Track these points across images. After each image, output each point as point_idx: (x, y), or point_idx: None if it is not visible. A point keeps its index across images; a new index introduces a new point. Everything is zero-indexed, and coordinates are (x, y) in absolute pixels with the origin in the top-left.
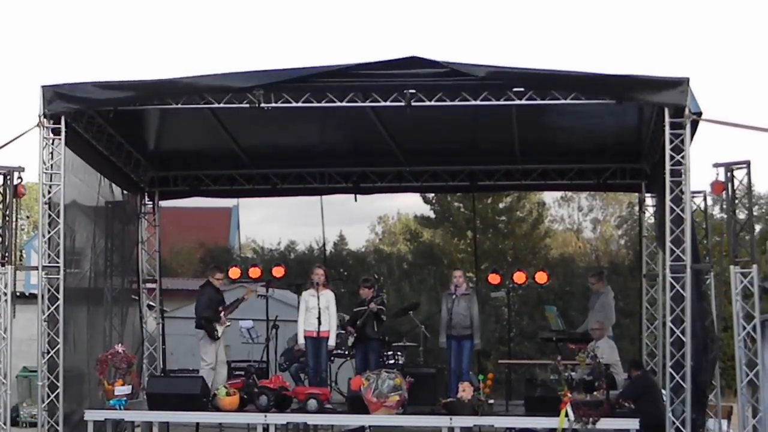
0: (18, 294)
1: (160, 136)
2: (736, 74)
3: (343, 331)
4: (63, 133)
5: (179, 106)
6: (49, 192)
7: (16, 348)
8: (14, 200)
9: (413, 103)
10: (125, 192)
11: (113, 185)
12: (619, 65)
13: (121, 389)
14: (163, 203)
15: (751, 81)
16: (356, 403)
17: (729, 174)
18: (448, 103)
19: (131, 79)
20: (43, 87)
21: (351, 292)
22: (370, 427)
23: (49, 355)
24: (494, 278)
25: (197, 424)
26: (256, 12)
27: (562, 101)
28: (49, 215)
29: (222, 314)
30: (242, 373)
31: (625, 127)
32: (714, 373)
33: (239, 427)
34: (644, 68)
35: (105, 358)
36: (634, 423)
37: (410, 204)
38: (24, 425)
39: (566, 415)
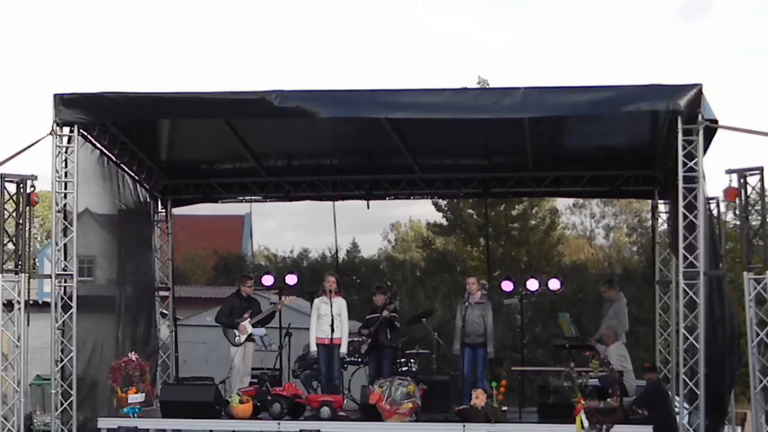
0: (31, 302)
1: (172, 144)
2: (749, 80)
3: (358, 339)
4: (76, 142)
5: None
6: (63, 200)
7: (29, 356)
8: (27, 208)
9: None
10: (138, 200)
11: (126, 193)
12: (632, 73)
13: (135, 397)
14: (176, 211)
15: (765, 87)
16: (369, 411)
17: (742, 180)
18: None
19: (145, 91)
20: (56, 95)
21: (364, 300)
22: None
23: (63, 363)
24: (507, 285)
25: (210, 431)
26: (271, 26)
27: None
28: (62, 223)
29: (245, 321)
30: (255, 380)
31: (637, 134)
32: (733, 379)
33: None
34: (657, 76)
35: (118, 366)
36: (647, 430)
37: (423, 211)
38: None
39: (581, 422)
